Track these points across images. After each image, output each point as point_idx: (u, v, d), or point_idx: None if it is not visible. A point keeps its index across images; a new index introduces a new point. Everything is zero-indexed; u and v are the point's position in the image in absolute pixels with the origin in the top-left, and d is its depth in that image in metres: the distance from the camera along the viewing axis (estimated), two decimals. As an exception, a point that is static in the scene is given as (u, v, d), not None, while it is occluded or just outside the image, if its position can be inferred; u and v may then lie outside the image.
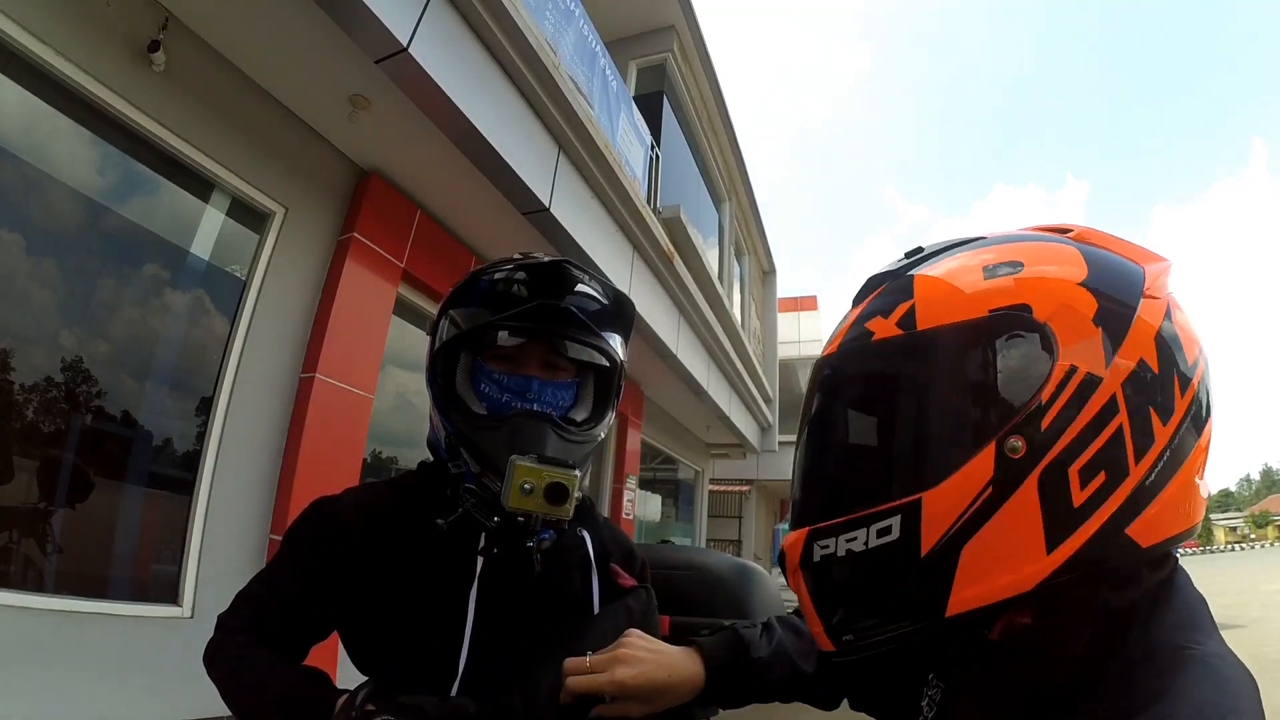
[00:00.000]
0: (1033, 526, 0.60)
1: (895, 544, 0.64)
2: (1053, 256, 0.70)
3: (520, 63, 4.43)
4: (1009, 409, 0.62)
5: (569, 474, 1.01)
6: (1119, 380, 0.62)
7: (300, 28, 3.56)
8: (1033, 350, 0.63)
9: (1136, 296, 0.66)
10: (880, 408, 0.71)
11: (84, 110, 3.39)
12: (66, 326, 3.45)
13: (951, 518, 0.62)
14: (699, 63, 10.05)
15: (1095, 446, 0.61)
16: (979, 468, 0.62)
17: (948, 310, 0.67)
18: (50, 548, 3.36)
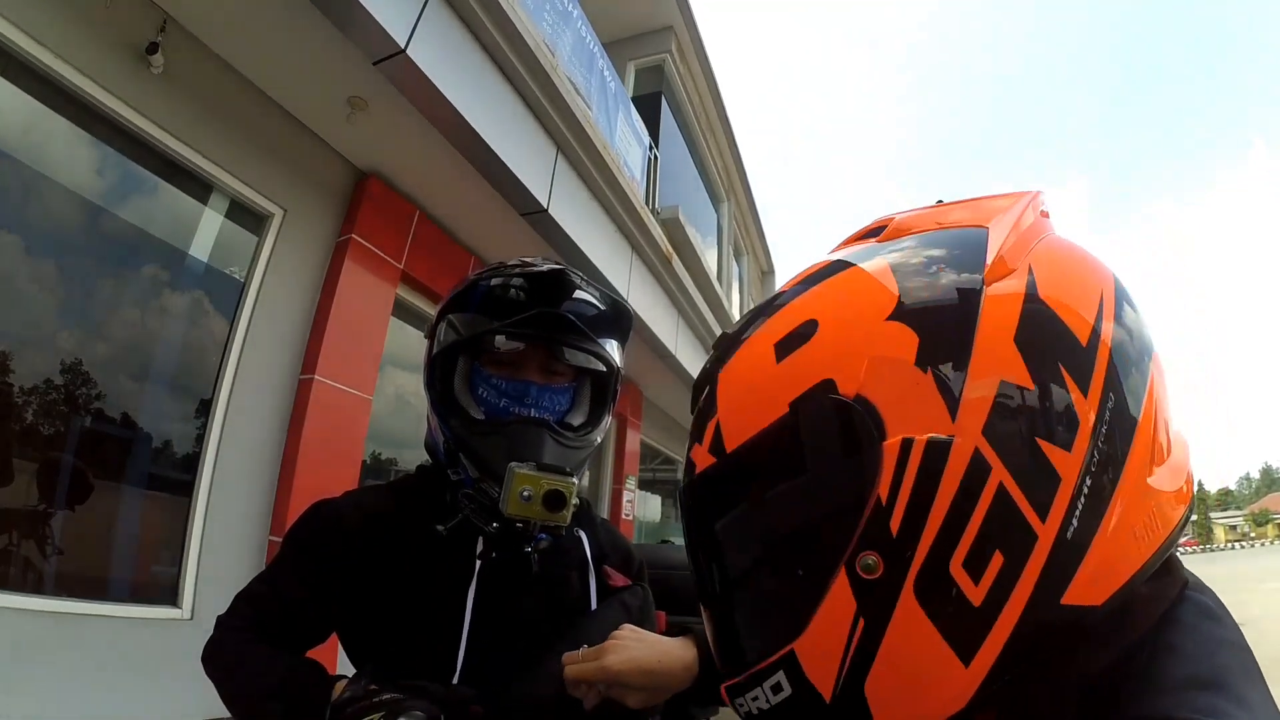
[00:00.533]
0: (931, 645, 0.48)
1: (795, 698, 0.53)
2: (850, 291, 0.57)
3: (518, 64, 4.43)
4: (847, 521, 0.50)
5: (567, 481, 1.02)
6: (976, 428, 0.48)
7: (298, 29, 3.57)
8: (850, 436, 0.50)
9: (973, 297, 0.51)
10: (724, 555, 0.60)
11: (82, 112, 3.38)
12: (65, 328, 3.45)
13: (834, 659, 0.51)
14: (697, 63, 10.05)
15: (973, 526, 0.47)
16: (839, 601, 0.50)
17: (749, 419, 0.55)
18: (50, 549, 3.36)
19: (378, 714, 0.86)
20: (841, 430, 0.50)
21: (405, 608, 1.09)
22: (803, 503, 0.52)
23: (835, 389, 0.50)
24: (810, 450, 0.51)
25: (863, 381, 0.50)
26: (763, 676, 0.54)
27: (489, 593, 1.09)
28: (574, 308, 1.16)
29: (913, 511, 0.48)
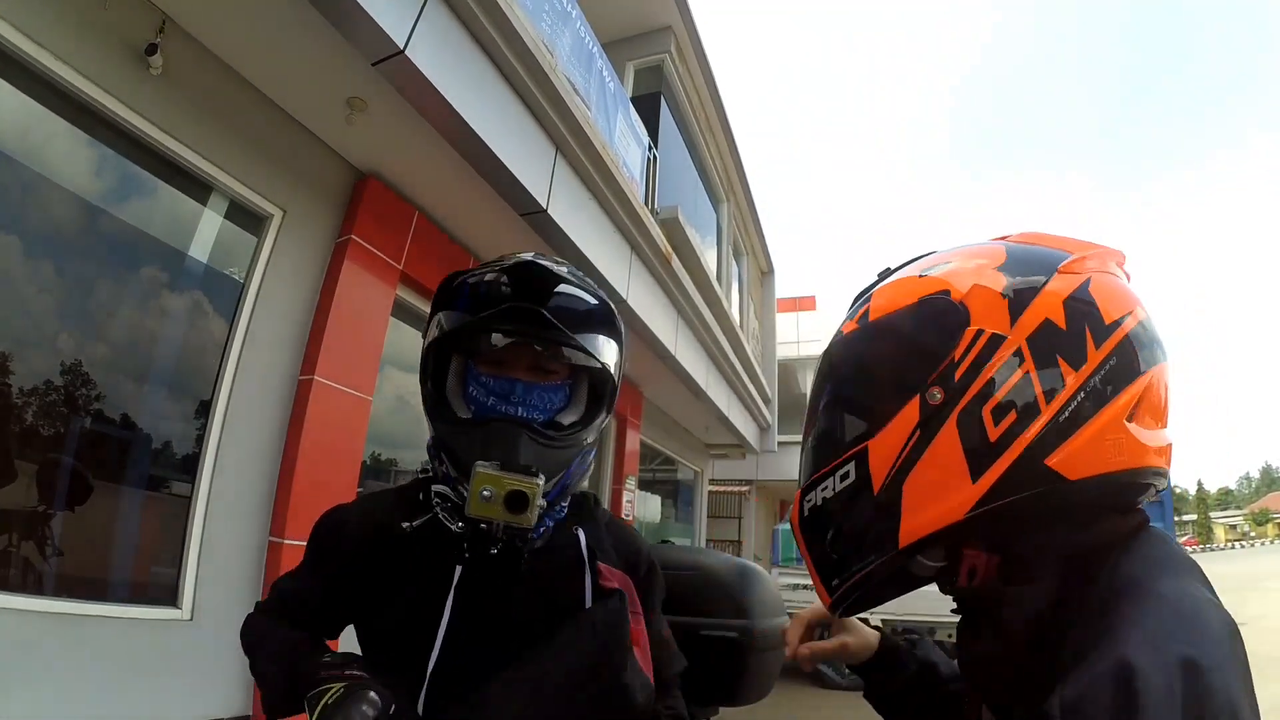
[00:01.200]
0: (957, 460, 0.72)
1: (854, 485, 0.78)
2: (978, 254, 0.84)
3: (517, 64, 4.44)
4: (929, 367, 0.76)
5: (530, 482, 0.99)
6: (1023, 336, 0.73)
7: (297, 30, 3.57)
8: (949, 320, 0.77)
9: (1048, 273, 0.77)
10: (843, 383, 0.88)
11: (82, 113, 3.39)
12: (65, 329, 3.46)
13: (891, 458, 0.75)
14: (696, 63, 10.05)
15: (1004, 390, 0.72)
16: (908, 415, 0.75)
17: (890, 304, 0.84)
18: (50, 550, 3.37)
19: (337, 684, 0.91)
20: (944, 314, 0.78)
21: (389, 609, 1.10)
22: (906, 349, 0.79)
23: (949, 294, 0.79)
24: (921, 321, 0.79)
25: (965, 294, 0.77)
26: (839, 467, 0.80)
27: (472, 594, 1.08)
28: (558, 302, 1.13)
29: (972, 368, 0.74)
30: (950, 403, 0.73)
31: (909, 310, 0.81)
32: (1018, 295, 0.76)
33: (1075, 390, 0.71)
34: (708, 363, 9.82)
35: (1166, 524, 12.91)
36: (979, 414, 0.72)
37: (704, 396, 9.85)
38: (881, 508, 0.76)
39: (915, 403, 0.75)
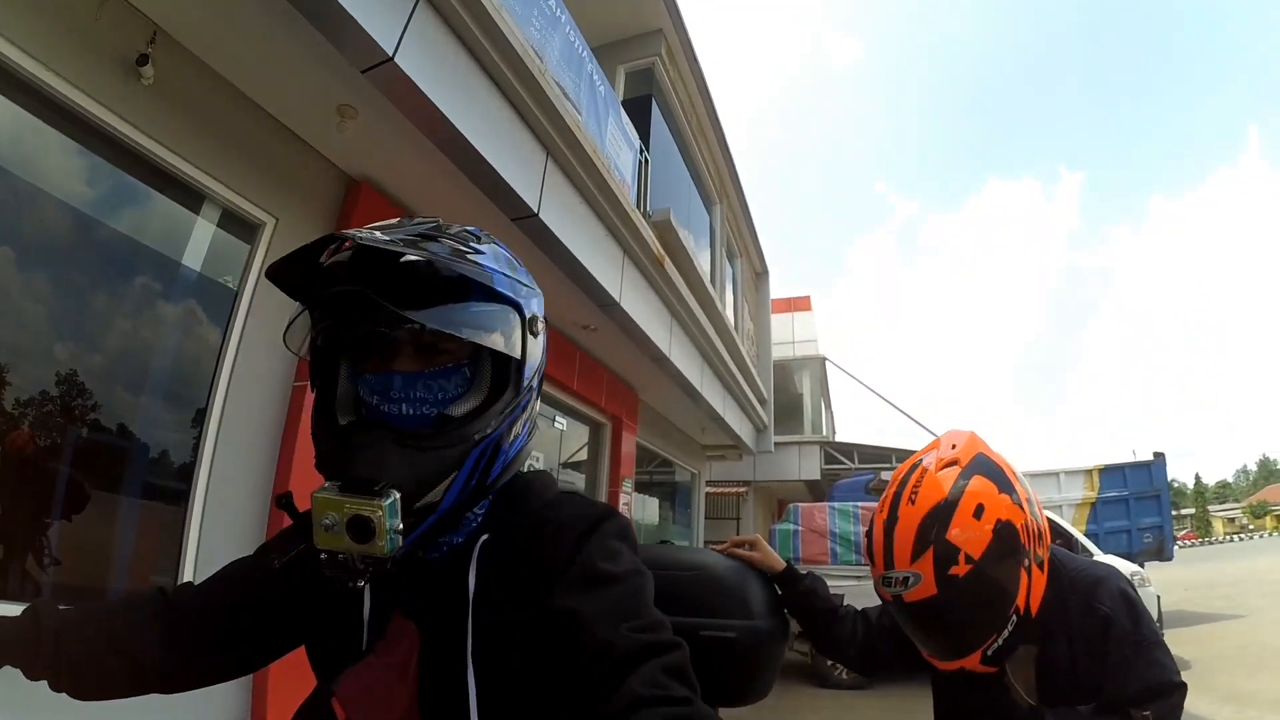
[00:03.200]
0: (1041, 578, 1.49)
1: (1022, 619, 1.43)
2: (984, 485, 1.45)
3: (506, 69, 4.46)
4: (1020, 552, 1.44)
5: (370, 504, 0.81)
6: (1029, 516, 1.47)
7: (287, 39, 3.59)
8: (1011, 530, 1.42)
9: (1011, 483, 1.48)
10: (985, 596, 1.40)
11: (74, 124, 3.40)
12: (59, 340, 3.46)
13: (1026, 600, 1.44)
14: (687, 66, 10.08)
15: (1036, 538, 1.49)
16: (1022, 580, 1.43)
17: (977, 538, 1.39)
18: (47, 560, 3.37)
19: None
20: (1008, 527, 1.41)
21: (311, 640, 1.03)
22: (1004, 554, 1.40)
23: (1001, 517, 1.42)
24: (1003, 539, 1.40)
25: (1006, 514, 1.42)
26: (1011, 620, 1.41)
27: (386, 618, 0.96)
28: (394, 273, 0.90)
29: (1028, 542, 1.43)
30: (1031, 561, 1.43)
31: (994, 535, 1.38)
32: (1011, 495, 1.44)
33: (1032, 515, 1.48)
34: (702, 364, 9.84)
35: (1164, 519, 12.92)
36: (1036, 549, 1.46)
37: (699, 398, 9.87)
38: (1027, 617, 1.43)
39: (1022, 571, 1.40)
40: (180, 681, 1.06)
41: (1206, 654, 9.19)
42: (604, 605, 0.88)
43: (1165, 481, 13.30)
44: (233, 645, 1.07)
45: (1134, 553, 11.66)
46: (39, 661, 0.94)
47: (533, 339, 1.00)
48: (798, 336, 20.80)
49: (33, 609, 0.98)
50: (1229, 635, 10.59)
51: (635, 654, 0.82)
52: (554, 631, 0.87)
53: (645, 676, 0.79)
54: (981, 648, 1.40)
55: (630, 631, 0.85)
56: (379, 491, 0.82)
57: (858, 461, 17.88)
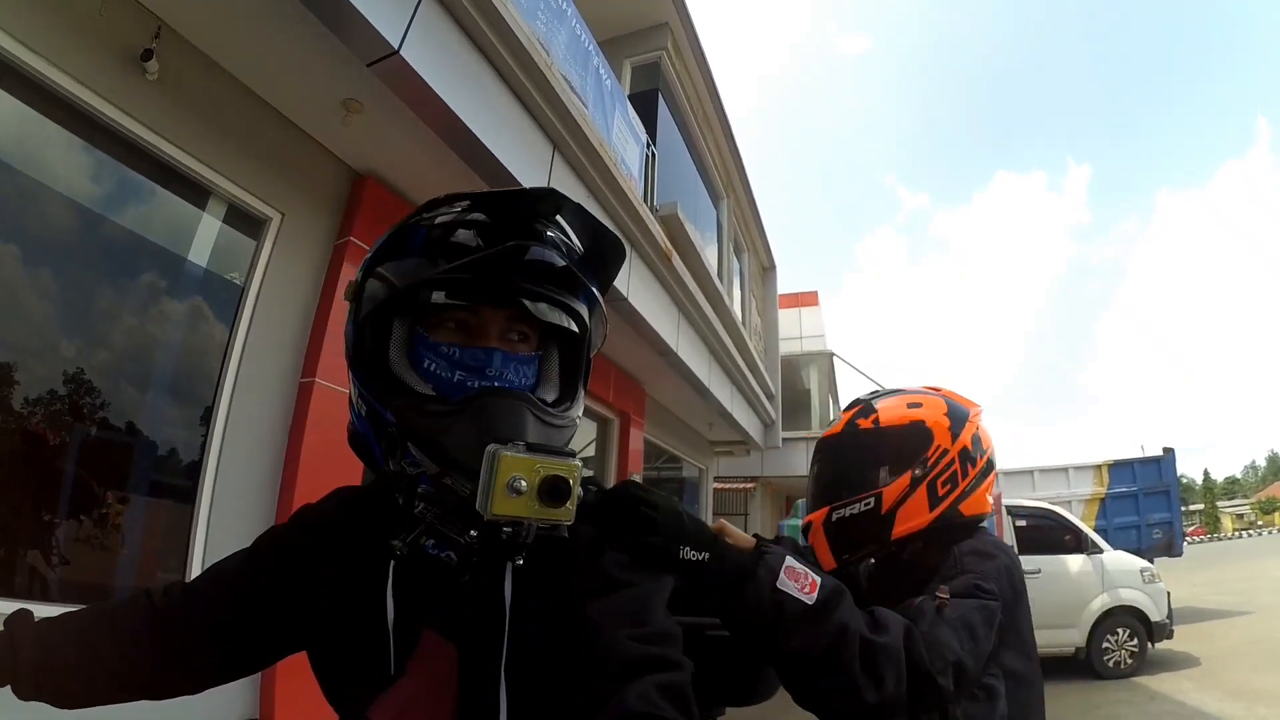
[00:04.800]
0: (923, 503, 1.47)
1: (872, 509, 1.48)
2: (936, 404, 1.56)
3: (512, 63, 4.43)
4: (917, 457, 1.49)
5: (569, 464, 0.76)
6: (955, 451, 1.49)
7: (291, 33, 3.57)
8: (925, 437, 1.51)
9: (965, 420, 1.54)
10: (868, 452, 1.55)
11: (78, 119, 3.39)
12: (66, 337, 3.46)
13: (893, 500, 1.47)
14: (693, 59, 10.03)
15: (946, 474, 1.48)
16: (904, 479, 1.48)
17: (897, 420, 1.54)
18: (55, 559, 3.37)
19: None
20: (924, 434, 1.52)
21: (328, 633, 0.96)
22: (908, 445, 1.52)
23: (925, 423, 1.54)
24: (915, 435, 1.53)
25: (933, 424, 1.53)
26: (864, 500, 1.49)
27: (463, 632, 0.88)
28: (550, 244, 0.90)
29: (934, 464, 1.49)
30: (924, 476, 1.47)
31: (905, 427, 1.52)
32: (953, 430, 1.51)
33: (973, 477, 1.50)
34: (710, 360, 9.80)
35: (1174, 514, 12.85)
36: (935, 483, 1.47)
37: (707, 394, 9.84)
38: (884, 521, 1.47)
39: (909, 475, 1.48)
40: (168, 688, 1.01)
41: (1216, 650, 9.17)
42: (609, 609, 0.85)
43: (1175, 477, 13.25)
44: (224, 648, 1.02)
45: (1143, 549, 11.61)
46: (15, 682, 0.90)
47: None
48: (805, 332, 20.72)
49: (7, 629, 0.92)
50: (1238, 631, 10.54)
51: (633, 664, 0.78)
52: (570, 638, 0.84)
53: (639, 692, 0.74)
54: (832, 504, 1.53)
55: (631, 640, 0.81)
56: (571, 454, 0.79)
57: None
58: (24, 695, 0.91)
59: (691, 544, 0.92)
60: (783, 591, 0.96)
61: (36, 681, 0.91)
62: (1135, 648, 8.54)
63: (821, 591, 0.99)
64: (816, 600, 0.98)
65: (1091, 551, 9.04)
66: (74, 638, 0.95)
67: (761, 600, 0.96)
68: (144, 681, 0.99)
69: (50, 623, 0.95)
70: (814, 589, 0.98)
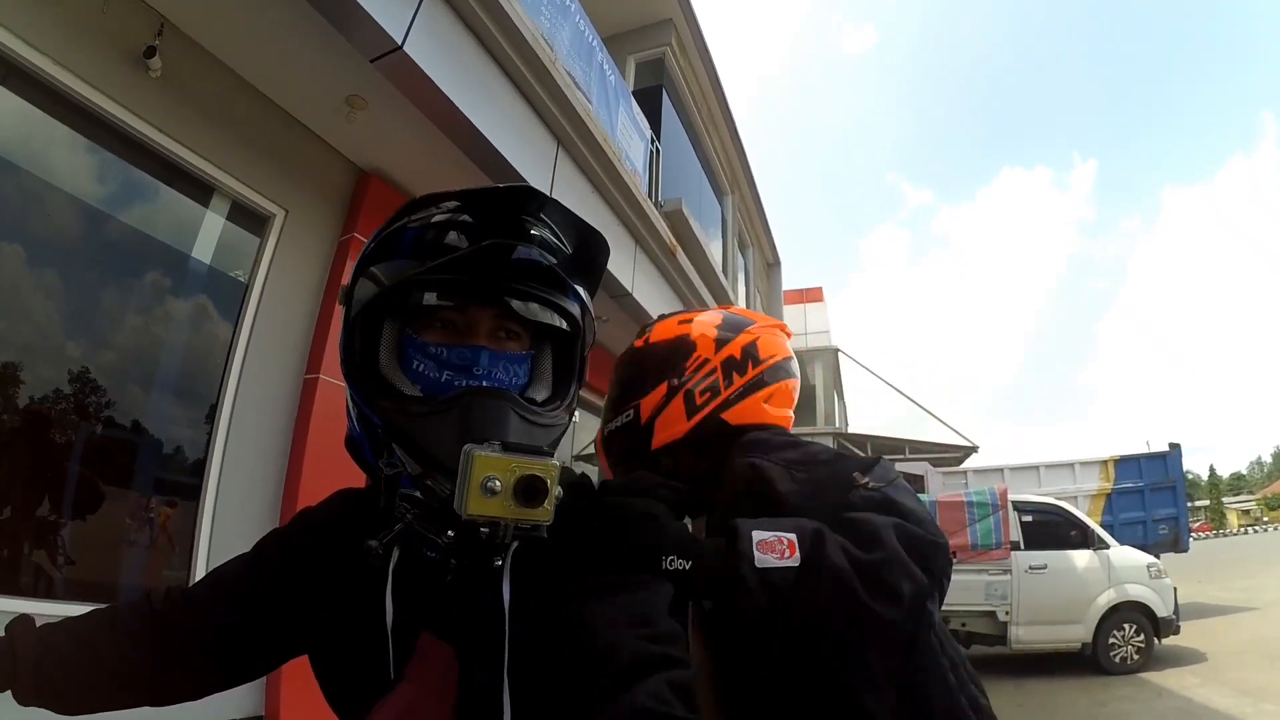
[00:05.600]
0: (681, 412, 1.37)
1: (632, 421, 1.41)
2: (713, 318, 1.49)
3: (517, 59, 4.42)
4: (676, 368, 1.40)
5: (546, 464, 0.73)
6: (718, 360, 1.39)
7: (295, 29, 3.56)
8: (687, 349, 1.42)
9: (737, 332, 1.44)
10: (633, 368, 1.48)
11: (81, 117, 3.39)
12: (71, 336, 3.46)
13: (650, 410, 1.39)
14: (697, 56, 10.02)
15: (706, 383, 1.38)
16: (660, 389, 1.39)
17: (662, 336, 1.48)
18: (61, 559, 3.37)
19: None
20: (686, 346, 1.42)
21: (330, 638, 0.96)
22: (667, 358, 1.42)
23: (690, 336, 1.43)
24: (675, 347, 1.42)
25: (697, 338, 1.42)
26: (627, 414, 1.41)
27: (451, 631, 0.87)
28: (538, 243, 0.90)
29: (692, 373, 1.38)
30: (681, 386, 1.39)
31: (671, 341, 1.46)
32: (720, 341, 1.42)
33: (742, 385, 1.39)
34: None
35: (1180, 510, 12.80)
36: (693, 391, 1.38)
37: (711, 389, 9.82)
38: (644, 432, 1.40)
39: (665, 386, 1.40)
40: (170, 693, 1.00)
41: (1221, 647, 9.13)
42: (614, 608, 0.83)
43: (1181, 473, 13.18)
44: (226, 653, 1.00)
45: (1149, 544, 11.55)
46: (15, 686, 0.89)
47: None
48: (810, 328, 20.69)
49: (8, 634, 0.92)
50: (1243, 628, 10.51)
51: (643, 663, 0.76)
52: (573, 638, 0.81)
53: (651, 690, 0.73)
54: (605, 422, 1.54)
55: (640, 639, 0.79)
56: (548, 452, 0.76)
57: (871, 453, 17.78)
58: (24, 700, 0.90)
59: (675, 552, 0.88)
60: (765, 569, 0.91)
61: (37, 686, 0.90)
62: (1142, 643, 8.50)
63: (801, 546, 0.93)
64: (800, 557, 0.93)
65: (1098, 547, 9.01)
66: (74, 642, 0.94)
67: (750, 590, 0.90)
68: (145, 686, 0.98)
69: (51, 628, 0.94)
70: (793, 549, 0.94)
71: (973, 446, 17.27)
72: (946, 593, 1.07)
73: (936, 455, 16.48)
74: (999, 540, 8.85)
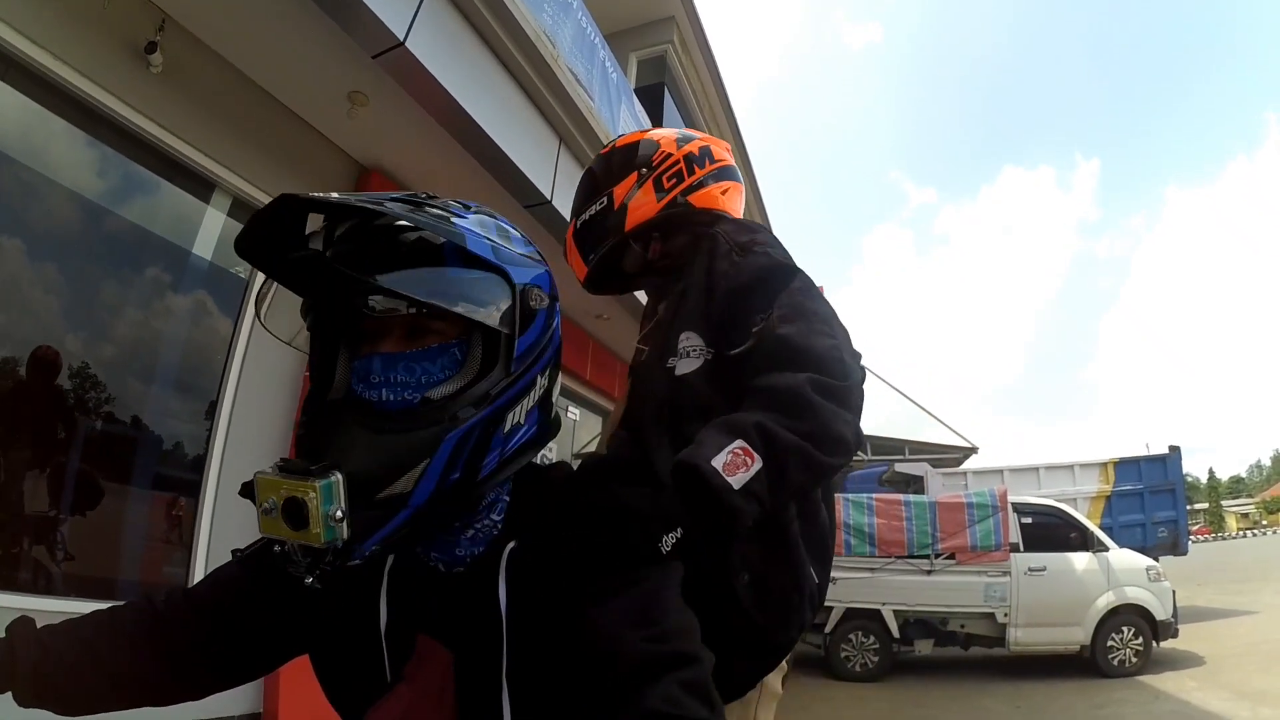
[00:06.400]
0: (651, 195, 1.55)
1: (606, 207, 1.59)
2: (670, 131, 1.72)
3: (519, 56, 4.41)
4: (644, 162, 1.60)
5: (302, 485, 0.70)
6: (680, 155, 1.59)
7: (297, 25, 3.55)
8: (653, 147, 1.62)
9: (694, 137, 1.67)
10: (605, 162, 1.68)
11: (83, 113, 3.38)
12: (71, 331, 3.45)
13: (624, 193, 1.57)
14: (699, 54, 10.01)
15: (672, 170, 1.57)
16: (631, 178, 1.58)
17: (630, 140, 1.69)
18: (60, 555, 3.37)
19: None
20: (651, 145, 1.64)
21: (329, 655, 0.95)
22: (635, 154, 1.64)
23: (653, 138, 1.67)
24: (644, 147, 1.64)
25: (660, 140, 1.64)
26: (599, 199, 1.62)
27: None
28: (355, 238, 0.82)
29: (659, 164, 1.60)
30: (650, 172, 1.56)
31: (636, 142, 1.63)
32: (680, 141, 1.61)
33: (702, 175, 1.57)
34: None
35: (1180, 513, 12.81)
36: (662, 177, 1.55)
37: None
38: (618, 214, 1.56)
39: (634, 175, 1.57)
40: (173, 695, 0.99)
41: (1220, 650, 9.12)
42: (616, 609, 0.80)
43: (1180, 475, 13.18)
44: (227, 654, 0.99)
45: (1148, 547, 11.54)
46: (15, 688, 0.88)
47: (529, 311, 0.88)
48: (810, 326, 20.68)
49: (8, 635, 0.91)
50: (1243, 631, 10.51)
51: (649, 665, 0.74)
52: (576, 642, 0.79)
53: (661, 693, 0.70)
54: (575, 215, 1.68)
55: (645, 641, 0.76)
56: (316, 471, 0.71)
57: (870, 453, 17.74)
58: (24, 702, 0.89)
59: (666, 530, 0.90)
60: (745, 488, 1.01)
61: (36, 688, 0.89)
62: (1140, 646, 8.49)
63: (755, 447, 1.04)
64: (760, 458, 1.03)
65: (1097, 549, 9.01)
66: (75, 643, 0.93)
67: (742, 512, 1.01)
68: (146, 687, 0.97)
69: (51, 629, 0.94)
70: (750, 455, 1.02)
71: (972, 447, 17.25)
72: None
73: (936, 456, 16.46)
74: (998, 542, 8.85)
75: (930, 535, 9.08)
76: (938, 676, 9.39)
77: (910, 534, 9.17)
